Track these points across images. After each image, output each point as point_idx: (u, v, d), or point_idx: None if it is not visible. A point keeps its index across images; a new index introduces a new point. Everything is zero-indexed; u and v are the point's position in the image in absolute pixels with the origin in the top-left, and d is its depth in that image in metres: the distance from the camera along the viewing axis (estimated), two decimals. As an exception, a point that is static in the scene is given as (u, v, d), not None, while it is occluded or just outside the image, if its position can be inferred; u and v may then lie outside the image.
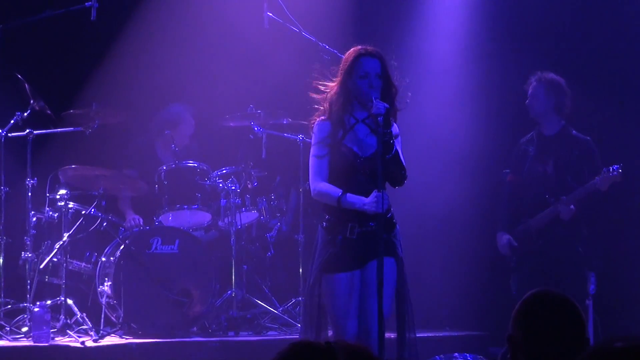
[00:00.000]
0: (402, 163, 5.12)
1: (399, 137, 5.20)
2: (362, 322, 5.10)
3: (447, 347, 7.43)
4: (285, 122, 7.95)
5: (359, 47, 5.22)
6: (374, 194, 4.98)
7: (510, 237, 7.10)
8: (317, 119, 5.24)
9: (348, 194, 5.05)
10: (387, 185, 5.19)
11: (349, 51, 5.24)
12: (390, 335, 5.19)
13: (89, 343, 6.78)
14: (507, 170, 7.43)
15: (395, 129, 5.13)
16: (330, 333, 5.14)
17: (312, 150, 5.21)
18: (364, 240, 5.07)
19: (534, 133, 7.13)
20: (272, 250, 8.27)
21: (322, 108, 5.26)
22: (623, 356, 2.08)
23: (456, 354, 7.22)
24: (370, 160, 5.08)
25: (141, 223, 7.72)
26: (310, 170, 5.22)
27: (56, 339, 6.87)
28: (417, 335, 5.27)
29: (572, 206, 6.79)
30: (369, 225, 5.06)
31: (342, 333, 5.03)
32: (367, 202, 4.99)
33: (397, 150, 5.08)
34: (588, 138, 7.03)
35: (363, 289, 5.08)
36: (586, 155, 6.96)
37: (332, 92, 5.21)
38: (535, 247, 6.95)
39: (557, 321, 2.79)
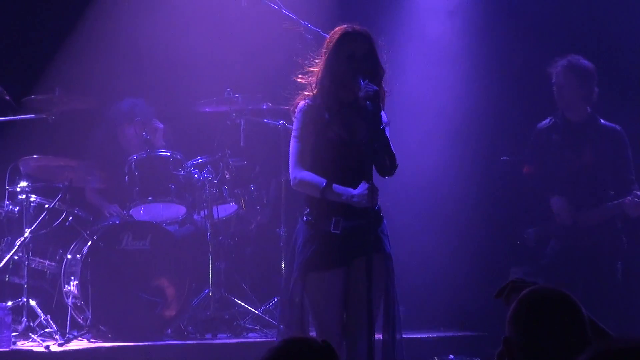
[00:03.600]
0: (392, 151, 5.02)
1: (388, 126, 5.13)
2: (349, 323, 5.06)
3: (442, 349, 7.46)
4: (265, 107, 7.92)
5: (345, 25, 5.18)
6: (363, 185, 4.89)
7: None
8: (300, 101, 5.18)
9: (334, 185, 4.96)
10: (375, 174, 5.08)
11: (335, 30, 5.19)
12: (378, 336, 5.11)
13: (54, 347, 6.75)
14: (505, 158, 7.42)
15: (384, 116, 5.09)
16: (313, 334, 5.10)
17: (294, 135, 5.14)
18: (350, 235, 4.99)
19: (557, 119, 7.12)
20: (252, 245, 8.31)
21: (304, 93, 5.20)
22: (624, 357, 2.12)
23: (451, 355, 7.25)
24: (358, 148, 5.00)
25: (120, 211, 7.73)
26: (290, 156, 5.15)
27: (18, 343, 6.84)
28: (411, 336, 5.31)
29: None
30: (355, 220, 4.99)
31: (326, 334, 4.98)
32: (355, 194, 4.90)
33: (387, 137, 5.02)
34: (618, 127, 7.09)
35: (350, 288, 5.04)
36: (621, 144, 7.04)
37: (317, 74, 5.15)
38: (581, 244, 6.97)
39: (557, 321, 2.77)
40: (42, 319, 7.06)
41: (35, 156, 7.34)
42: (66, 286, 7.28)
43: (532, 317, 2.79)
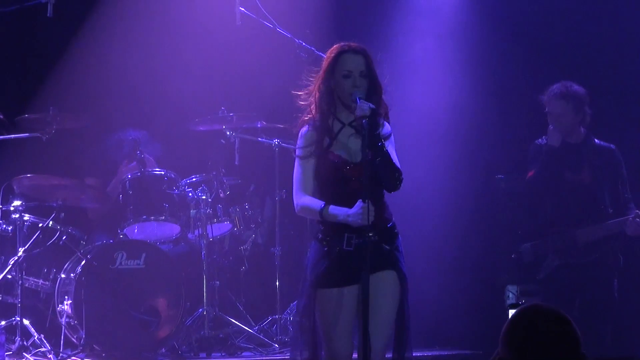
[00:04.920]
0: (395, 165, 5.02)
1: (392, 137, 5.12)
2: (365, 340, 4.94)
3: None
4: (259, 125, 7.91)
5: (342, 43, 5.14)
6: (358, 204, 4.87)
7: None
8: (302, 127, 5.17)
9: (331, 206, 4.95)
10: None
11: (331, 49, 5.19)
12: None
13: (48, 367, 6.70)
14: (501, 176, 7.49)
15: (386, 128, 5.09)
16: (323, 353, 5.06)
17: (296, 162, 5.13)
18: (363, 252, 4.90)
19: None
20: (247, 265, 8.30)
21: (305, 118, 5.19)
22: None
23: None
24: (360, 167, 4.97)
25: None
26: (293, 184, 5.13)
27: (12, 362, 6.78)
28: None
29: None
30: (367, 236, 4.91)
31: (335, 353, 4.99)
32: (350, 213, 4.89)
33: (387, 153, 4.99)
34: (612, 145, 7.21)
35: (363, 305, 4.92)
36: (616, 163, 7.18)
37: (314, 96, 5.15)
38: (579, 261, 7.08)
39: (550, 338, 2.79)
40: (35, 338, 7.04)
41: (29, 175, 7.33)
42: (60, 305, 7.24)
43: (524, 335, 2.81)
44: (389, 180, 5.04)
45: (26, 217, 7.35)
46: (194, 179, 7.86)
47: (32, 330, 7.10)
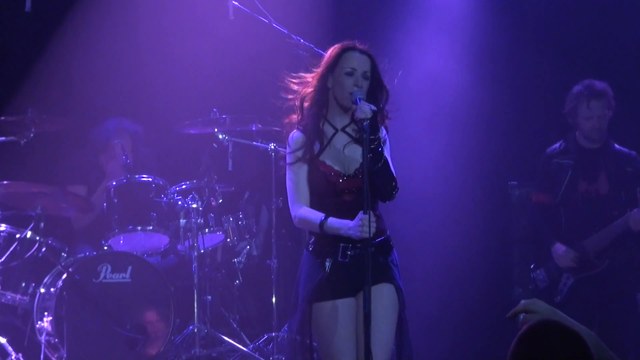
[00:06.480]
0: (392, 174, 5.04)
1: (388, 143, 5.12)
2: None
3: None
4: (254, 128, 7.86)
5: (346, 41, 5.16)
6: (359, 216, 4.87)
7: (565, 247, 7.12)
8: (292, 131, 5.15)
9: (330, 219, 4.96)
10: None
11: (334, 46, 5.17)
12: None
13: (26, 388, 6.75)
14: (514, 183, 7.49)
15: (383, 133, 5.07)
16: None
17: (288, 169, 5.15)
18: (359, 263, 4.94)
19: (569, 144, 7.17)
20: (241, 278, 8.23)
21: (293, 118, 5.20)
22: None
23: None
24: (355, 178, 5.01)
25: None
26: (288, 194, 5.15)
27: (-13, 384, 6.79)
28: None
29: None
30: (369, 248, 4.92)
31: None
32: (351, 226, 4.90)
33: (386, 160, 5.00)
34: (633, 152, 7.16)
35: (360, 320, 4.94)
36: (636, 172, 7.10)
37: (308, 90, 5.11)
38: (594, 272, 7.05)
39: (562, 358, 2.70)
40: (13, 357, 6.99)
41: (5, 182, 7.27)
42: (39, 322, 7.16)
43: (533, 355, 2.71)
44: (385, 189, 5.06)
45: (2, 227, 7.28)
46: (183, 186, 7.79)
47: (9, 349, 7.03)
